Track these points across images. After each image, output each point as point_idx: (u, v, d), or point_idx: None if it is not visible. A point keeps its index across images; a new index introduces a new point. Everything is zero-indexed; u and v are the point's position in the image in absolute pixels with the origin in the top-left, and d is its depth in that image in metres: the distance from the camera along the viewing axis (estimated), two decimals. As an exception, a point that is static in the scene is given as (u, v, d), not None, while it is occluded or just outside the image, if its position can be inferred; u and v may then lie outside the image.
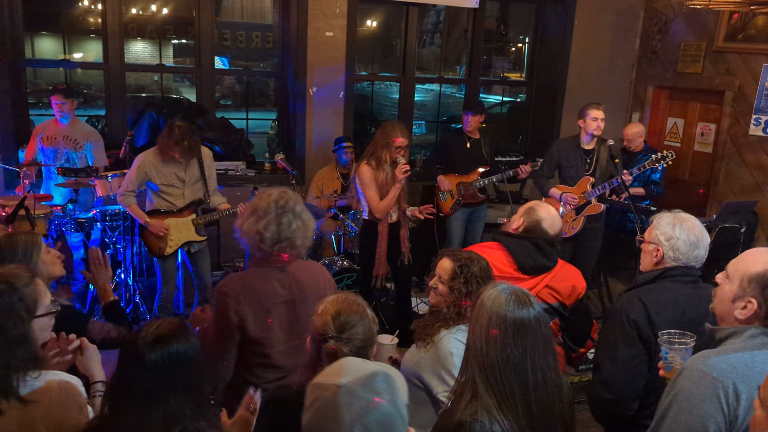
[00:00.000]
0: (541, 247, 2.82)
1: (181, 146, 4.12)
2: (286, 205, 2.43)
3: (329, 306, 1.92)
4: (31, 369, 1.76)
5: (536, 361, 1.66)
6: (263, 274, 2.45)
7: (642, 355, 2.26)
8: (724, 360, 1.65)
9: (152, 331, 1.64)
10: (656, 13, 6.63)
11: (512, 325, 1.65)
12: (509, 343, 1.64)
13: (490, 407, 1.62)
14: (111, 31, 5.53)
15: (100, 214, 4.72)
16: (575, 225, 4.92)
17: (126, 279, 4.84)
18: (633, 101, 7.01)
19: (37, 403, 1.72)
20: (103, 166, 5.05)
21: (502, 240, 2.89)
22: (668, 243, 2.32)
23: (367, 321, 1.91)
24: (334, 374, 1.33)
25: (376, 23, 7.46)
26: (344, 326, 1.86)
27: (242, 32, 6.45)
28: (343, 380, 1.29)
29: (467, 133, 5.41)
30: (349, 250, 5.28)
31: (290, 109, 6.05)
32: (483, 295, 1.75)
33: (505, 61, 8.00)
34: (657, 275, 2.34)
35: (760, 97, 5.68)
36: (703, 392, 1.62)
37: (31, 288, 1.84)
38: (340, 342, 1.83)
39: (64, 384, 1.80)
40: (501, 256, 2.84)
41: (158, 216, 4.30)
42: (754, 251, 1.83)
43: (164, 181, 4.26)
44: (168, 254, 4.33)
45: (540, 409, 1.66)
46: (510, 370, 1.64)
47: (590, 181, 4.86)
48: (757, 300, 1.74)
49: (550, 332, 1.76)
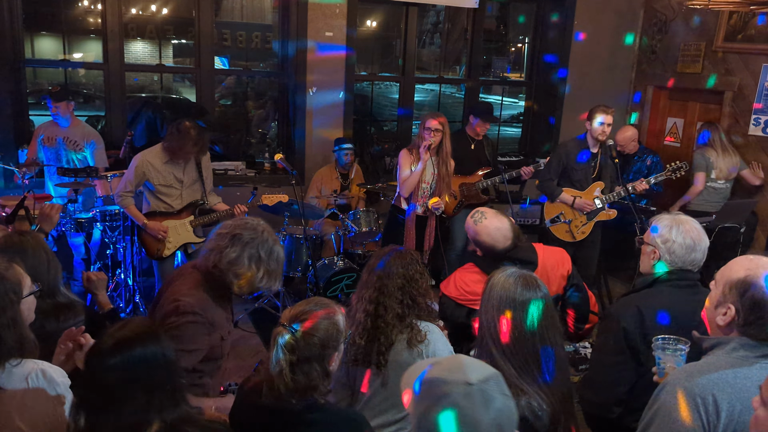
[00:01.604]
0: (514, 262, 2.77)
1: (199, 146, 4.20)
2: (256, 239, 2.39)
3: (301, 301, 1.91)
4: (16, 354, 1.74)
5: (546, 337, 1.86)
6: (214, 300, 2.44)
7: (628, 362, 2.26)
8: (706, 375, 1.65)
9: (115, 333, 1.58)
10: (656, 13, 6.64)
11: (521, 306, 1.85)
12: (519, 322, 1.84)
13: (512, 377, 1.79)
14: (111, 31, 5.52)
15: (100, 214, 4.72)
16: (585, 230, 4.85)
17: (126, 279, 4.84)
18: (633, 101, 7.01)
19: (12, 392, 1.69)
20: (103, 167, 5.05)
21: (475, 261, 2.92)
22: (664, 246, 2.30)
23: (331, 324, 1.83)
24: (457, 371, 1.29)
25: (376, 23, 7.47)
26: (298, 316, 1.81)
27: (242, 32, 6.46)
28: (473, 378, 1.27)
29: (471, 134, 5.40)
30: (349, 250, 5.28)
31: (290, 109, 6.05)
32: (493, 279, 1.95)
33: (505, 61, 8.00)
34: (654, 279, 2.33)
35: (760, 97, 5.68)
36: (684, 407, 1.62)
37: (12, 271, 1.83)
38: (286, 328, 1.78)
39: (43, 373, 1.76)
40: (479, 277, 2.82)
41: (156, 218, 4.30)
42: (741, 258, 1.80)
43: (162, 181, 4.25)
44: (166, 256, 4.33)
45: (556, 380, 1.85)
46: (522, 344, 1.84)
47: (600, 187, 4.80)
48: (735, 306, 1.71)
49: (556, 312, 1.94)
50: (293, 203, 4.63)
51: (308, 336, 1.78)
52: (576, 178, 4.85)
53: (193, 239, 4.40)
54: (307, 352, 1.77)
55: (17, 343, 1.75)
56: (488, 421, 1.23)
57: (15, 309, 1.77)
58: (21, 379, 1.73)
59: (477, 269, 2.88)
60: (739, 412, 1.60)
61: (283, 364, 1.76)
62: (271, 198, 4.62)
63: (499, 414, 1.26)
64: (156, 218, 4.29)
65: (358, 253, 5.31)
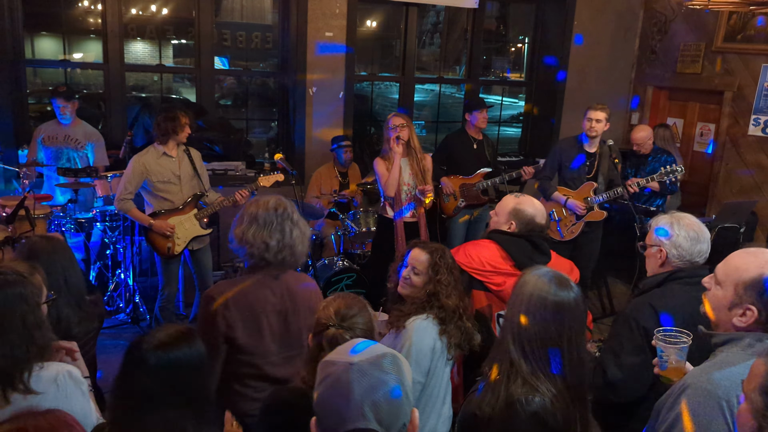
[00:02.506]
0: (537, 245, 2.86)
1: (189, 125, 4.29)
2: (284, 212, 2.42)
3: (330, 300, 1.98)
4: (41, 358, 1.77)
5: (572, 338, 1.83)
6: (256, 281, 2.39)
7: (647, 362, 2.23)
8: (728, 377, 1.62)
9: (157, 336, 1.64)
10: (656, 14, 6.64)
11: (552, 305, 1.82)
12: (548, 320, 1.81)
13: (527, 375, 1.80)
14: (111, 31, 5.52)
15: (100, 215, 4.72)
16: (574, 230, 4.85)
17: (126, 279, 4.84)
18: (630, 108, 7.02)
19: (44, 394, 1.72)
20: (104, 165, 5.05)
21: (497, 239, 2.89)
22: (669, 242, 2.32)
23: (367, 313, 1.96)
24: (345, 352, 1.35)
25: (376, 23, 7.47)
26: (345, 316, 1.91)
27: (242, 32, 6.45)
28: (355, 358, 1.31)
29: (472, 134, 5.40)
30: (349, 250, 5.28)
31: (290, 109, 6.05)
32: (525, 276, 1.93)
33: (505, 62, 8.01)
34: (664, 278, 2.33)
35: (759, 97, 5.69)
36: (709, 413, 1.59)
37: (35, 277, 1.88)
38: (341, 329, 1.88)
39: (69, 374, 1.81)
40: (495, 253, 2.85)
41: (161, 217, 4.29)
42: (741, 254, 1.79)
43: (162, 178, 4.24)
44: (177, 253, 4.33)
45: (575, 381, 1.84)
46: (545, 343, 1.82)
47: (593, 187, 4.79)
48: (757, 307, 1.69)
49: (586, 316, 1.91)
50: (293, 203, 4.62)
51: (356, 331, 1.88)
52: (569, 176, 4.86)
53: (201, 231, 4.39)
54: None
55: (45, 344, 1.79)
56: (359, 394, 1.26)
57: (40, 312, 1.82)
58: (50, 381, 1.75)
59: (496, 246, 2.87)
60: None
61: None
62: (268, 179, 4.49)
63: (369, 389, 1.27)
64: (161, 217, 4.29)
65: (358, 253, 5.30)
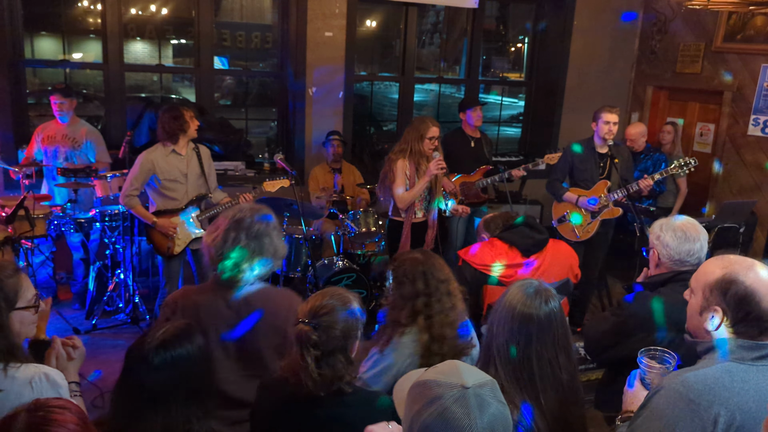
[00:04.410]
0: (532, 225, 3.27)
1: (194, 117, 4.28)
2: (249, 226, 2.22)
3: (317, 295, 1.91)
4: (12, 359, 1.76)
5: (542, 353, 1.81)
6: (210, 291, 2.28)
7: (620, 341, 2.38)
8: (702, 381, 1.59)
9: (159, 334, 1.66)
10: (656, 14, 6.64)
11: (518, 316, 1.82)
12: (514, 331, 1.82)
13: (511, 390, 1.77)
14: (110, 31, 5.53)
15: (100, 215, 4.71)
16: (590, 229, 4.83)
17: (126, 279, 4.84)
18: (632, 101, 7.02)
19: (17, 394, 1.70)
20: (106, 162, 5.04)
21: (499, 236, 3.29)
22: (658, 241, 2.39)
23: (349, 312, 1.86)
24: (453, 374, 1.27)
25: (376, 23, 7.46)
26: (317, 311, 1.83)
27: (242, 32, 6.45)
28: (469, 382, 1.25)
29: (469, 132, 5.41)
30: (349, 250, 5.28)
31: (290, 109, 6.05)
32: (513, 285, 1.92)
33: (505, 61, 8.00)
34: (668, 278, 2.36)
35: (759, 97, 5.69)
36: (677, 413, 1.56)
37: (14, 279, 1.84)
38: (308, 326, 1.81)
39: (46, 377, 1.79)
40: (503, 249, 3.21)
41: (164, 216, 4.29)
42: (712, 260, 1.78)
43: (168, 176, 4.23)
44: (177, 253, 4.32)
45: (549, 399, 1.80)
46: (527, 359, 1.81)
47: (607, 185, 4.78)
48: (721, 307, 1.67)
49: (564, 332, 1.86)
50: (293, 203, 4.61)
51: (330, 330, 1.81)
52: (582, 177, 4.85)
53: (199, 234, 4.38)
54: (330, 346, 1.81)
55: (8, 348, 1.77)
56: (482, 425, 1.21)
57: (2, 316, 1.78)
58: (24, 383, 1.74)
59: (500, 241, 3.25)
60: (738, 417, 1.55)
61: (308, 360, 1.79)
62: (273, 184, 4.34)
63: (493, 419, 1.23)
64: (164, 216, 4.28)
65: (358, 253, 5.30)
